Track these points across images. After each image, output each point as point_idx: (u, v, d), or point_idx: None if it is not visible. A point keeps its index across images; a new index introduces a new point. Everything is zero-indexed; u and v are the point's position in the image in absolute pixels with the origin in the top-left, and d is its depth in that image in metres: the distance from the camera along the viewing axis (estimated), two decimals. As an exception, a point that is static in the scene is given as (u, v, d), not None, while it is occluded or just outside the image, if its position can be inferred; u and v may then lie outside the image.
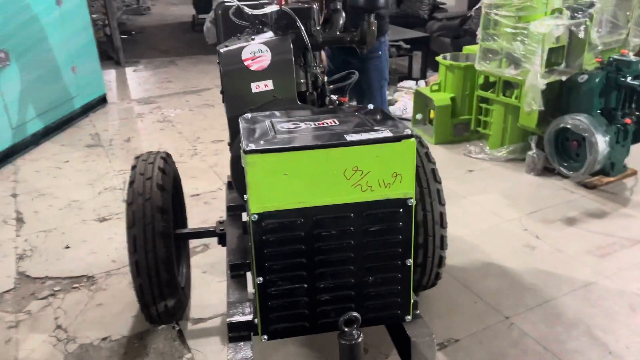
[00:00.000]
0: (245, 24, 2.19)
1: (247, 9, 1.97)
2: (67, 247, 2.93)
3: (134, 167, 2.09)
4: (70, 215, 3.28)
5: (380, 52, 2.84)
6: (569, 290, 2.46)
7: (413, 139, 1.13)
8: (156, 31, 10.27)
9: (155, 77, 6.56)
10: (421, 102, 4.39)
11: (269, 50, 1.87)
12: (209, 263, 2.75)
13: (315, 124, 1.23)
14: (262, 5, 2.03)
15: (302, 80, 2.03)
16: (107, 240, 2.97)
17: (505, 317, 2.31)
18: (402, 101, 4.79)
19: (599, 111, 3.36)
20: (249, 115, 1.32)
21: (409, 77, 5.55)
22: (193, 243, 2.87)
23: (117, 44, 7.03)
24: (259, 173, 1.10)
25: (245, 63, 1.86)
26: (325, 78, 2.28)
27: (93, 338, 2.26)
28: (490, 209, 3.20)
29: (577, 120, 3.30)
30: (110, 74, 6.67)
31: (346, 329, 1.00)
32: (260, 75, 1.87)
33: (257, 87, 1.88)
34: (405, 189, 1.16)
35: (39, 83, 4.35)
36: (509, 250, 2.78)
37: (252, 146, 1.09)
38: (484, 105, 3.95)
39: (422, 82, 5.23)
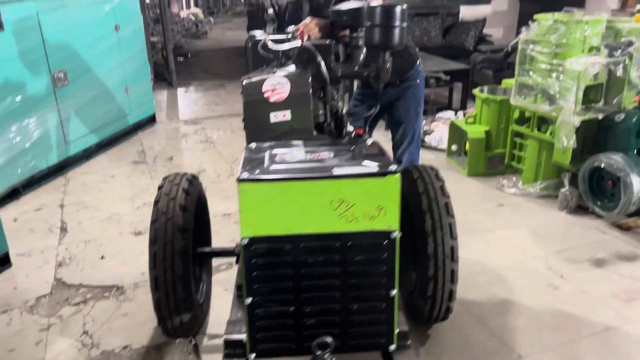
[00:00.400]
0: (272, 56, 2.32)
1: (270, 44, 2.09)
2: (102, 258, 3.12)
3: (160, 187, 2.23)
4: (109, 227, 3.48)
5: (418, 81, 2.89)
6: (589, 334, 2.40)
7: (397, 175, 1.19)
8: (211, 54, 10.73)
9: (204, 99, 6.86)
10: (456, 133, 4.40)
11: (288, 83, 1.98)
12: (232, 281, 2.84)
13: (311, 156, 1.31)
14: (288, 40, 2.16)
15: (320, 112, 2.13)
16: (139, 254, 3.13)
17: (519, 356, 2.28)
18: (438, 132, 4.81)
19: (635, 151, 3.27)
20: (253, 145, 1.42)
21: (448, 107, 5.56)
22: (219, 261, 2.99)
23: (171, 67, 7.42)
24: (250, 200, 1.18)
25: (266, 94, 1.98)
26: (345, 110, 2.38)
27: (115, 346, 2.39)
28: (516, 245, 3.16)
29: (612, 160, 3.23)
30: (163, 95, 7.03)
31: (318, 352, 1.06)
32: (279, 106, 1.98)
33: (276, 117, 1.99)
34: (390, 222, 1.22)
35: (94, 102, 4.67)
36: (530, 288, 2.74)
37: (245, 175, 1.18)
38: (518, 140, 3.92)
39: (461, 114, 5.22)
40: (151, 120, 5.66)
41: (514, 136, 3.95)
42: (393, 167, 1.21)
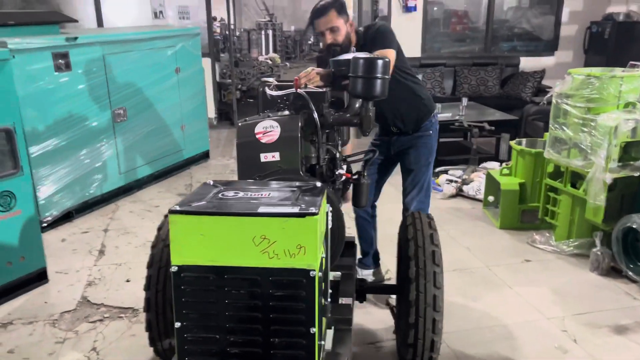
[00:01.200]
0: (279, 101, 2.46)
1: (268, 90, 2.25)
2: (127, 281, 3.34)
3: (166, 215, 2.40)
4: (141, 253, 3.72)
5: (431, 132, 2.92)
6: (589, 404, 2.25)
7: (316, 217, 1.26)
8: (278, 97, 11.17)
9: (260, 138, 7.16)
10: (492, 184, 4.32)
11: (278, 126, 2.11)
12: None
13: (252, 195, 1.41)
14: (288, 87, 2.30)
15: (312, 155, 2.23)
16: (160, 280, 3.31)
17: (506, 420, 2.18)
18: (477, 182, 4.73)
19: (671, 213, 3.07)
20: (210, 181, 1.54)
21: (495, 158, 5.45)
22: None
23: (234, 107, 7.85)
24: (179, 231, 1.30)
25: (257, 136, 2.11)
26: (341, 154, 2.47)
27: (117, 363, 2.54)
28: (533, 303, 3.03)
29: (645, 221, 3.05)
30: (223, 133, 7.44)
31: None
32: (269, 147, 2.10)
33: (266, 157, 2.11)
34: (309, 260, 1.28)
35: (150, 137, 5.06)
36: (536, 349, 2.61)
37: (177, 207, 1.30)
38: (552, 195, 3.78)
39: (506, 165, 5.10)
40: (205, 156, 6.00)
41: (547, 190, 3.82)
42: (313, 209, 1.28)
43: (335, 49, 2.68)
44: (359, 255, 3.12)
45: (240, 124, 2.17)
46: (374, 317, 2.87)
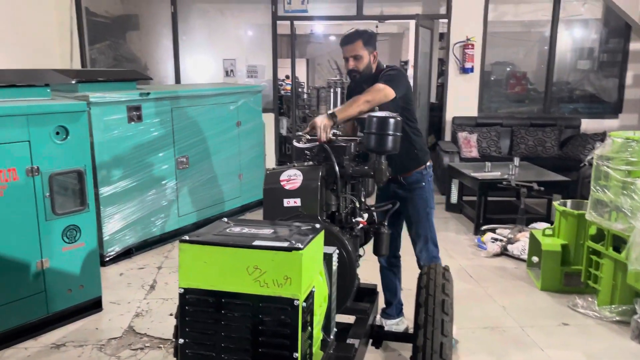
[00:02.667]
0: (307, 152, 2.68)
1: (294, 143, 2.48)
2: (171, 315, 3.59)
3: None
4: (187, 290, 3.98)
5: (424, 184, 2.99)
6: None
7: (300, 252, 1.43)
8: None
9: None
10: (536, 245, 4.26)
11: (301, 175, 2.33)
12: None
13: (253, 231, 1.61)
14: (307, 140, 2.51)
15: (332, 202, 2.42)
16: (200, 316, 3.54)
17: None
18: (523, 241, 4.67)
19: None
20: (225, 219, 1.76)
21: (546, 219, 5.36)
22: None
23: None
24: (187, 258, 1.51)
25: (282, 183, 2.34)
26: (364, 203, 2.63)
27: (149, 388, 2.75)
28: (563, 367, 2.95)
29: (687, 289, 2.93)
30: (281, 184, 7.77)
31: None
32: (291, 193, 2.32)
33: (288, 202, 2.33)
34: (294, 291, 1.45)
35: (209, 183, 5.45)
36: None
37: (186, 238, 1.53)
38: (594, 258, 3.69)
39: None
40: (260, 204, 6.31)
41: (590, 253, 3.74)
42: (299, 245, 1.45)
43: (354, 75, 2.89)
44: (382, 304, 3.20)
45: (267, 172, 2.42)
46: (395, 367, 2.92)
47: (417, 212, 2.94)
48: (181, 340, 1.54)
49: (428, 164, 3.01)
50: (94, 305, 3.61)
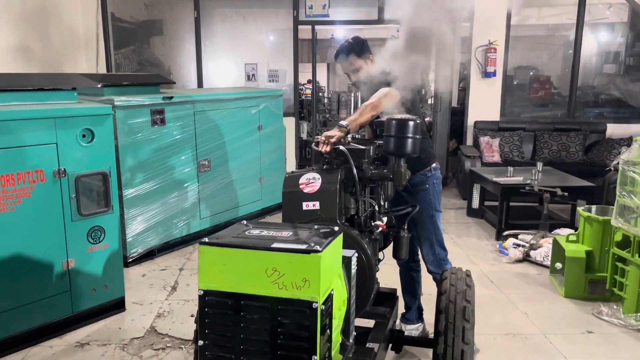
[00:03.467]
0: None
1: (313, 146, 2.49)
2: (192, 316, 3.62)
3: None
4: (208, 292, 4.02)
5: (427, 186, 2.92)
6: None
7: (319, 254, 1.44)
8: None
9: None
10: (559, 251, 4.19)
11: (320, 179, 2.34)
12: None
13: (272, 234, 1.63)
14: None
15: (351, 206, 2.42)
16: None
17: None
18: (546, 247, 4.60)
19: None
20: (244, 222, 1.78)
21: (570, 225, 5.26)
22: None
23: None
24: (206, 260, 1.53)
25: (301, 186, 2.35)
26: (383, 207, 2.63)
27: (169, 388, 2.79)
28: (587, 376, 2.89)
29: None
30: (301, 187, 7.79)
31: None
32: (310, 197, 2.33)
33: (307, 205, 2.34)
34: (312, 293, 1.45)
35: (230, 186, 5.50)
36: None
37: (206, 240, 1.55)
38: (620, 265, 3.62)
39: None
40: (281, 206, 6.33)
41: (615, 260, 3.66)
42: (318, 247, 1.46)
43: (358, 86, 2.90)
44: (402, 309, 3.19)
45: (286, 175, 2.43)
46: (415, 372, 2.90)
47: (420, 214, 2.86)
48: (200, 342, 1.56)
49: (433, 165, 2.91)
50: (117, 305, 3.67)
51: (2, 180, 2.95)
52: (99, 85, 4.25)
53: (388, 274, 3.29)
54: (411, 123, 2.19)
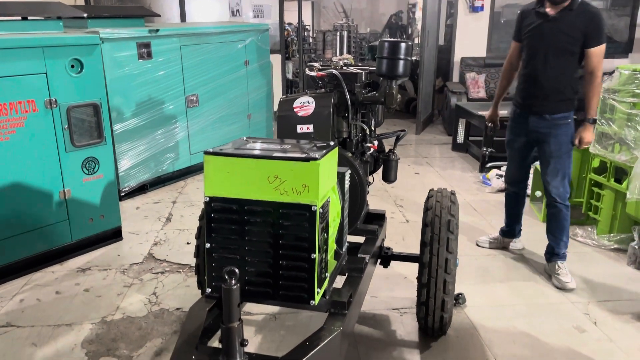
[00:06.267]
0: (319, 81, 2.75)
1: (307, 71, 2.55)
2: (187, 244, 3.76)
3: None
4: (202, 222, 4.15)
5: (570, 120, 3.08)
6: (595, 377, 2.36)
7: (318, 162, 1.54)
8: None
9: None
10: (539, 180, 4.36)
11: (313, 102, 2.41)
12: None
13: (273, 146, 1.72)
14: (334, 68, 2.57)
15: (344, 129, 2.51)
16: (215, 244, 3.71)
17: (510, 382, 2.34)
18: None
19: None
20: (244, 137, 1.86)
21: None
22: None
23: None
24: (211, 169, 1.62)
25: (295, 110, 2.42)
26: (374, 132, 2.72)
27: (171, 306, 2.94)
28: (562, 290, 3.12)
29: (683, 216, 3.05)
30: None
31: (226, 278, 1.43)
32: (304, 120, 2.41)
33: (301, 128, 2.42)
34: (312, 197, 1.56)
35: (219, 123, 5.53)
36: (553, 327, 2.73)
37: (210, 150, 1.63)
38: (596, 190, 3.80)
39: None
40: (268, 144, 6.41)
41: (592, 185, 3.84)
42: (316, 156, 1.55)
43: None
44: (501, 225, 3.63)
45: (280, 99, 2.49)
46: (402, 290, 3.09)
47: (559, 148, 3.01)
48: (207, 245, 1.67)
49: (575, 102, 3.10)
50: (115, 235, 3.78)
51: (-5, 109, 2.96)
52: (85, 15, 4.17)
53: (376, 202, 3.42)
54: (403, 45, 2.24)
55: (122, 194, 4.58)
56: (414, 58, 10.43)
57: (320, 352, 1.56)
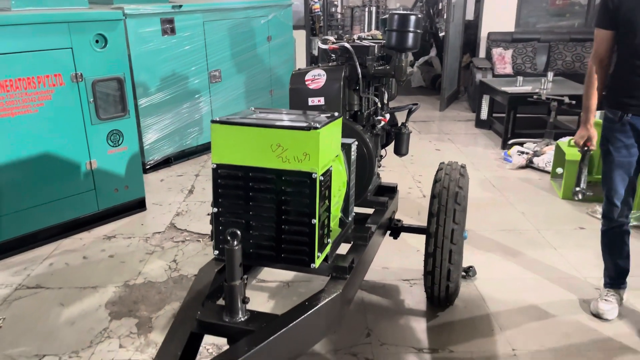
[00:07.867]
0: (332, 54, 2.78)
1: (319, 44, 2.58)
2: (208, 214, 3.88)
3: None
4: (223, 195, 4.27)
5: None
6: (593, 347, 2.38)
7: (318, 131, 1.59)
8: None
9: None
10: (560, 156, 4.32)
11: (325, 75, 2.45)
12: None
13: (277, 116, 1.78)
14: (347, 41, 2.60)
15: (355, 102, 2.54)
16: (234, 215, 3.83)
17: (513, 351, 2.38)
18: (549, 154, 4.72)
19: None
20: (252, 108, 1.93)
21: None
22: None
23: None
24: (217, 137, 1.70)
25: (307, 83, 2.47)
26: (386, 105, 2.75)
27: (190, 272, 3.08)
28: (572, 263, 3.12)
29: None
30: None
31: (229, 239, 1.51)
32: (315, 92, 2.46)
33: (312, 101, 2.47)
34: (312, 165, 1.62)
35: (241, 98, 5.62)
36: (560, 299, 2.75)
37: (217, 119, 1.71)
38: (617, 166, 3.74)
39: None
40: (291, 120, 6.47)
41: (613, 162, 3.78)
42: (317, 125, 1.61)
43: None
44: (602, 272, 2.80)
45: (293, 72, 2.54)
46: (414, 263, 3.14)
47: None
48: (215, 210, 1.76)
49: None
50: (139, 205, 3.94)
51: (24, 82, 3.10)
52: (109, -9, 4.27)
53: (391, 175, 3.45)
54: (412, 17, 2.26)
55: (147, 167, 4.74)
56: (442, 34, 10.23)
57: (318, 312, 1.64)
